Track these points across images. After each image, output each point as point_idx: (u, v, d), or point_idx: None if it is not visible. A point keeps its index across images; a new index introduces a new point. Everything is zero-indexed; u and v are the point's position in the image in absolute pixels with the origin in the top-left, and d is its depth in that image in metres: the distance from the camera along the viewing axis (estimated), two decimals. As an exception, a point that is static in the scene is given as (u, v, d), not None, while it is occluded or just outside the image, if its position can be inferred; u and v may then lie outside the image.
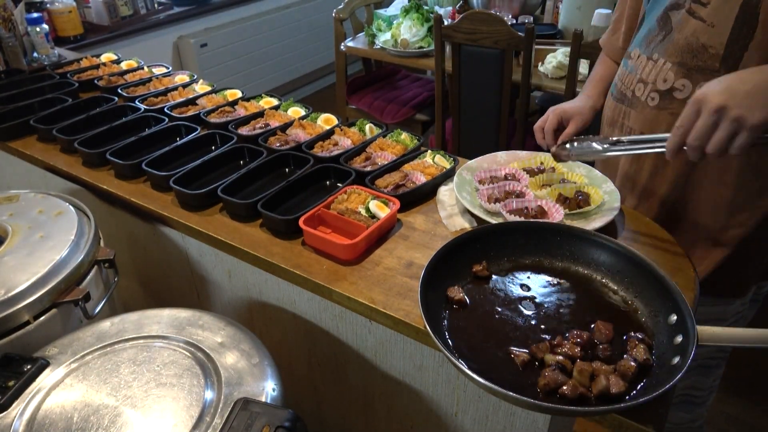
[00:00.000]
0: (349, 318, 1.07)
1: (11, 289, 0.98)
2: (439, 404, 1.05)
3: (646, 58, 1.12)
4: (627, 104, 1.18)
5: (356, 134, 1.41)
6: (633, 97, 1.16)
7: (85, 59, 1.99)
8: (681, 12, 1.05)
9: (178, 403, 0.82)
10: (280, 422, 0.77)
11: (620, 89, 1.21)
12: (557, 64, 2.30)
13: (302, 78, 4.47)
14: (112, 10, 3.07)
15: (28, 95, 1.70)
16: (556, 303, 0.89)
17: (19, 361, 0.90)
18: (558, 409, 0.71)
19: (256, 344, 0.95)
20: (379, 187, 1.18)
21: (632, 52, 1.18)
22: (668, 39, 1.07)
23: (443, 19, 2.31)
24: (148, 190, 1.28)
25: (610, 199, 1.12)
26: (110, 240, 1.38)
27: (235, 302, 1.30)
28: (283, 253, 1.06)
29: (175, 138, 1.45)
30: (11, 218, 1.17)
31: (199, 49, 3.49)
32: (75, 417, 0.81)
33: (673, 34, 1.07)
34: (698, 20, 1.02)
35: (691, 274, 0.98)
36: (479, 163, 1.26)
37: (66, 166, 1.39)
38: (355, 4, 3.06)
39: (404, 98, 2.96)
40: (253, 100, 1.63)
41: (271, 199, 1.15)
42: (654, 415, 0.74)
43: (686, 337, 0.75)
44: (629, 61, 1.18)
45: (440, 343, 0.77)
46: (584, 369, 0.75)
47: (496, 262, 0.96)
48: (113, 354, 0.92)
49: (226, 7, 3.71)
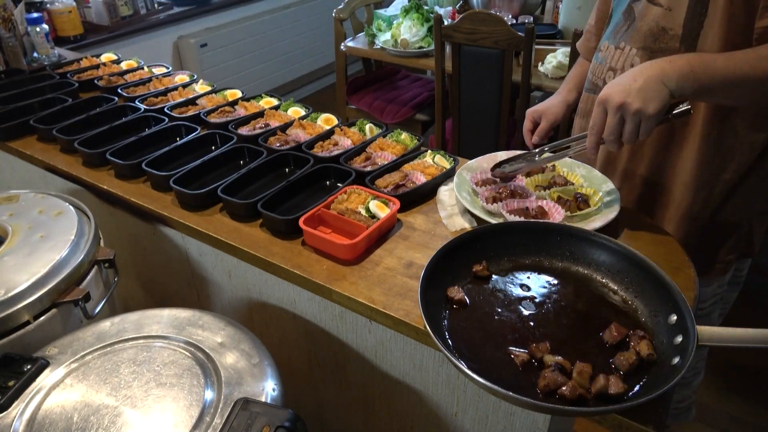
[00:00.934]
0: (349, 318, 1.07)
1: (11, 289, 0.98)
2: (439, 404, 1.05)
3: (614, 48, 1.21)
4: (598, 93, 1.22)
5: (356, 134, 1.41)
6: (604, 84, 1.20)
7: (85, 59, 1.99)
8: (642, 2, 1.14)
9: (178, 403, 0.82)
10: (280, 422, 0.77)
11: (592, 81, 1.29)
12: (557, 64, 2.30)
13: (302, 78, 4.47)
14: (112, 10, 3.07)
15: (28, 95, 1.70)
16: (556, 303, 0.89)
17: (19, 361, 0.90)
18: (558, 409, 0.71)
19: (256, 344, 0.95)
20: (379, 187, 1.18)
21: (602, 45, 1.26)
22: (632, 27, 1.17)
23: (443, 19, 2.31)
24: (148, 190, 1.28)
25: (610, 199, 1.12)
26: (110, 240, 1.38)
27: (235, 302, 1.30)
28: (283, 253, 1.06)
29: (175, 138, 1.45)
30: (11, 218, 1.17)
31: (199, 49, 3.49)
32: (75, 417, 0.81)
33: (636, 22, 1.16)
34: (657, 6, 1.11)
35: (691, 274, 0.98)
36: (479, 163, 1.26)
37: (66, 166, 1.39)
38: (355, 4, 3.06)
39: (404, 98, 2.96)
40: (253, 100, 1.63)
41: (271, 199, 1.15)
42: (654, 415, 0.74)
43: (686, 337, 0.75)
44: (600, 53, 1.26)
45: (440, 343, 0.77)
46: (584, 370, 0.75)
47: (496, 262, 0.96)
48: (113, 354, 0.92)
49: (226, 7, 3.72)
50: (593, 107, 1.25)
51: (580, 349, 0.81)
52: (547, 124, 1.38)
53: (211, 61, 3.59)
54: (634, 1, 1.16)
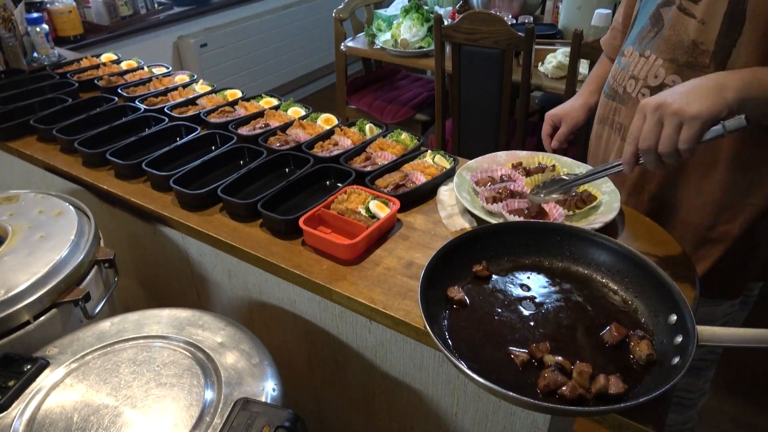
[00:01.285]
0: (349, 318, 1.07)
1: (11, 289, 0.98)
2: (439, 404, 1.05)
3: (638, 55, 1.13)
4: (618, 101, 1.20)
5: (356, 134, 1.41)
6: (624, 93, 1.17)
7: (85, 59, 1.99)
8: (672, 8, 1.05)
9: (178, 403, 0.82)
10: (280, 422, 0.77)
11: (612, 86, 1.22)
12: (557, 64, 2.30)
13: (302, 78, 4.47)
14: (112, 10, 3.07)
15: (28, 95, 1.70)
16: (556, 303, 0.89)
17: (19, 361, 0.90)
18: (558, 409, 0.71)
19: (256, 344, 0.95)
20: (379, 187, 1.18)
21: (626, 50, 1.19)
22: (659, 36, 1.09)
23: (443, 19, 2.31)
24: (148, 190, 1.28)
25: (610, 199, 1.12)
26: (110, 240, 1.38)
27: (235, 302, 1.30)
28: (283, 253, 1.06)
29: (175, 138, 1.45)
30: (11, 218, 1.17)
31: (199, 49, 3.49)
32: (75, 417, 0.81)
33: (664, 30, 1.08)
34: (689, 17, 1.03)
35: (692, 274, 0.98)
36: (479, 163, 1.26)
37: (66, 166, 1.39)
38: (355, 4, 3.06)
39: (404, 98, 2.96)
40: (253, 100, 1.63)
41: (271, 199, 1.15)
42: (654, 415, 0.74)
43: (686, 337, 0.75)
44: (622, 58, 1.19)
45: (440, 343, 0.77)
46: (584, 370, 0.75)
47: (496, 262, 0.96)
48: (113, 354, 0.92)
49: (226, 7, 3.72)
50: (612, 114, 1.21)
51: (580, 349, 0.81)
52: (567, 128, 1.32)
53: (211, 61, 3.59)
54: (662, 6, 1.08)
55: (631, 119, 1.12)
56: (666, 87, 1.07)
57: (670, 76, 1.07)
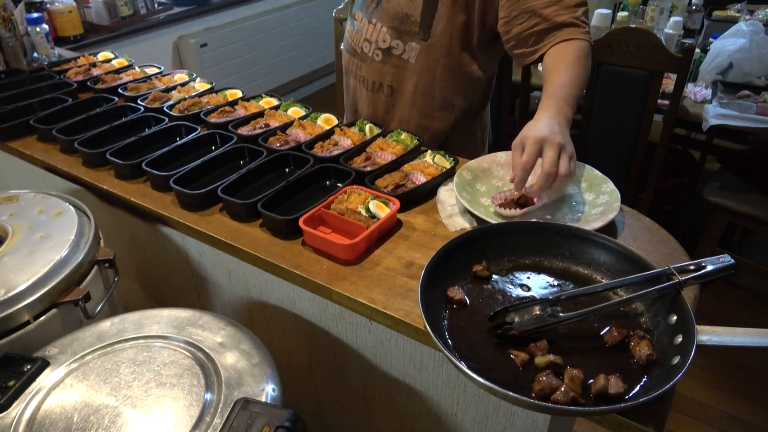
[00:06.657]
0: (349, 318, 1.07)
1: (11, 289, 0.98)
2: (439, 404, 1.05)
3: (367, 21, 1.43)
4: (358, 58, 1.50)
5: (356, 134, 1.41)
6: (362, 53, 1.48)
7: (82, 57, 1.98)
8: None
9: (178, 403, 0.82)
10: (280, 422, 0.78)
11: (351, 44, 1.52)
12: (557, 64, 2.30)
13: (302, 78, 4.47)
14: (112, 10, 3.07)
15: (28, 95, 1.70)
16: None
17: (19, 361, 0.90)
18: (558, 409, 0.71)
19: (256, 344, 0.95)
20: (379, 187, 1.18)
21: (356, 14, 1.49)
22: (380, 7, 1.40)
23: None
24: (148, 190, 1.28)
25: (610, 199, 1.12)
26: (110, 240, 1.38)
27: (235, 302, 1.30)
28: (283, 253, 1.06)
29: (175, 138, 1.45)
30: (11, 218, 1.17)
31: (199, 49, 3.49)
32: (75, 417, 0.81)
33: (383, 3, 1.39)
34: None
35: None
36: (479, 163, 1.26)
37: (66, 166, 1.39)
38: (355, 4, 3.06)
39: (404, 98, 2.95)
40: (253, 100, 1.63)
41: (271, 199, 1.15)
42: (654, 415, 0.74)
43: (687, 337, 0.75)
44: (355, 22, 1.49)
45: (440, 343, 0.77)
46: (575, 376, 0.74)
47: (496, 262, 0.96)
48: (113, 354, 0.92)
49: (226, 7, 3.72)
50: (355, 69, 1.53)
51: (579, 349, 0.81)
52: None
53: (211, 61, 3.59)
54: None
55: (371, 74, 1.48)
56: (393, 49, 1.40)
57: (394, 41, 1.39)
